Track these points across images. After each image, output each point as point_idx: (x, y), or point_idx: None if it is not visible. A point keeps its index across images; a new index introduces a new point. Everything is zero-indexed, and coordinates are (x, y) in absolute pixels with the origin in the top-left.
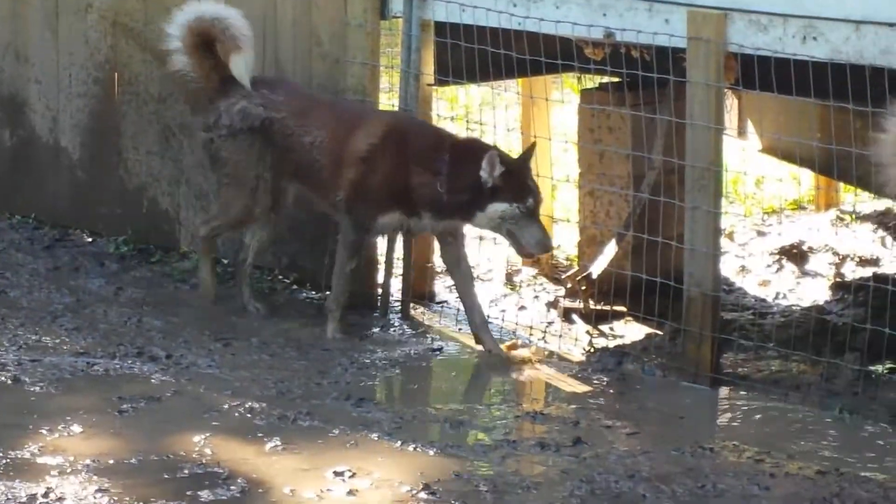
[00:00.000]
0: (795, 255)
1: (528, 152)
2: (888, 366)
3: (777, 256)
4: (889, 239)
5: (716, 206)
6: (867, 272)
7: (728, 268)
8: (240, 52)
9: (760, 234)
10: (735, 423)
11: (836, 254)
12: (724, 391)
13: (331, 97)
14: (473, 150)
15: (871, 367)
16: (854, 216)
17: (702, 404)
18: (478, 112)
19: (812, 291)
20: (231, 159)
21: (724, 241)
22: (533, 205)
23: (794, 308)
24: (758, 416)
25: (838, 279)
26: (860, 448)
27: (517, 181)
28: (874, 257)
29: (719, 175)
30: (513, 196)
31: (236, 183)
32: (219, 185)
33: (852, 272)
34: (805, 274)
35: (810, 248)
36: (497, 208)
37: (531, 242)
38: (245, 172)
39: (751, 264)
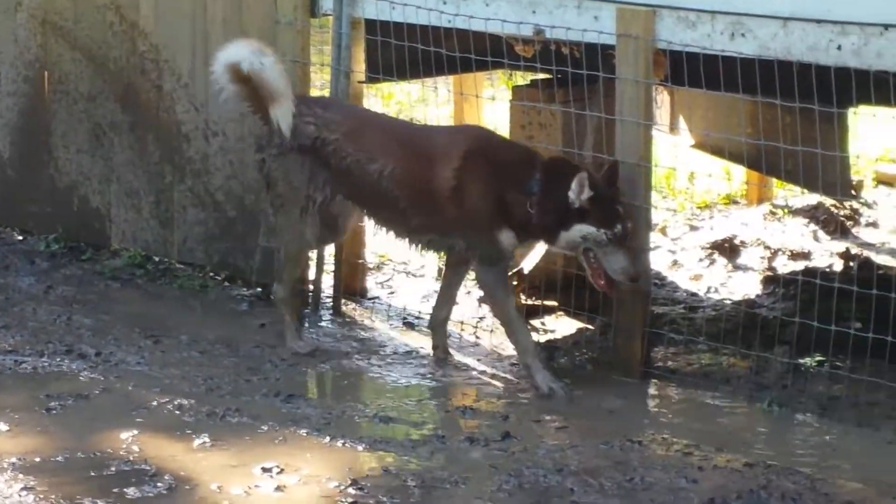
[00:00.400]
0: (727, 249)
1: (614, 173)
2: (817, 359)
3: (709, 251)
4: (820, 233)
5: (646, 201)
6: (798, 266)
7: (660, 262)
8: (276, 104)
9: (693, 228)
10: (664, 417)
11: (767, 248)
12: (654, 385)
13: (382, 115)
14: (564, 170)
15: (800, 360)
16: (786, 210)
17: (632, 398)
18: (411, 109)
19: (743, 285)
20: (282, 179)
21: (656, 236)
22: (621, 232)
23: (725, 302)
24: (687, 410)
25: (769, 273)
26: (789, 440)
27: (606, 206)
28: (805, 251)
29: (649, 170)
30: (600, 221)
31: (288, 203)
32: (273, 212)
33: (783, 266)
34: (736, 268)
35: (742, 243)
36: (582, 230)
37: (615, 269)
38: (296, 191)
39: (683, 258)
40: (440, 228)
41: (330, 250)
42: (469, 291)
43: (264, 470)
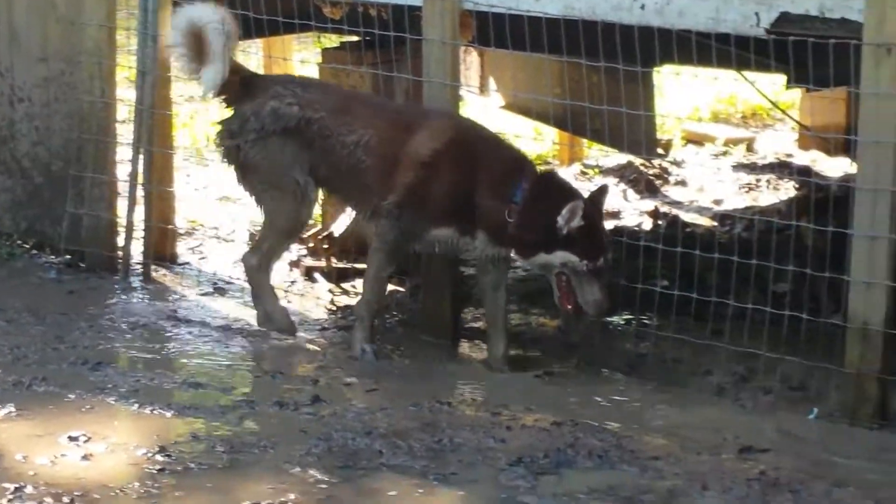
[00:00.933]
0: None
1: (601, 197)
2: (624, 317)
3: None
4: (630, 192)
5: None
6: (608, 225)
7: None
8: (209, 64)
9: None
10: (473, 378)
11: None
12: (464, 345)
13: (372, 95)
14: (557, 191)
15: (608, 319)
16: (596, 170)
17: (441, 360)
18: None
19: None
20: (264, 164)
21: None
22: (602, 265)
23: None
24: (496, 370)
25: None
26: (596, 398)
27: (594, 238)
28: (615, 210)
29: None
30: (585, 252)
31: (275, 187)
32: (256, 198)
33: None
34: None
35: None
36: (564, 257)
37: (588, 300)
38: (282, 176)
39: None
40: (383, 191)
41: (140, 216)
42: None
43: (71, 439)
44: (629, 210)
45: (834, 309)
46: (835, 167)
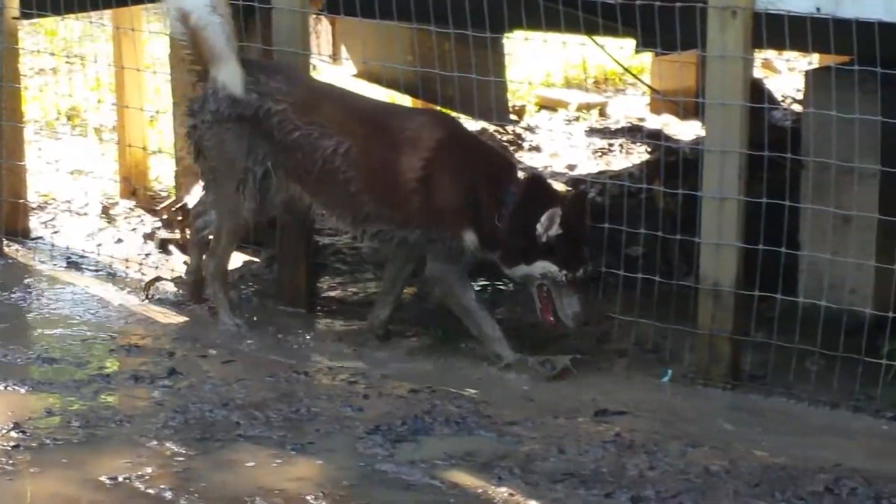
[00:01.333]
0: None
1: (582, 204)
2: (480, 283)
3: None
4: None
5: None
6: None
7: None
8: (219, 66)
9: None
10: (331, 347)
11: None
12: (320, 315)
13: (339, 88)
14: (541, 196)
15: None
16: None
17: (298, 329)
18: (77, 45)
19: None
20: (216, 150)
21: None
22: (582, 276)
23: None
24: (353, 339)
25: None
26: (453, 365)
27: (573, 247)
28: None
29: None
30: (565, 262)
31: (222, 177)
32: (205, 185)
33: None
34: None
35: None
36: (544, 267)
37: (567, 313)
38: (232, 164)
39: None
40: (396, 220)
41: None
42: (134, 228)
43: None
44: None
45: (686, 271)
46: (686, 130)
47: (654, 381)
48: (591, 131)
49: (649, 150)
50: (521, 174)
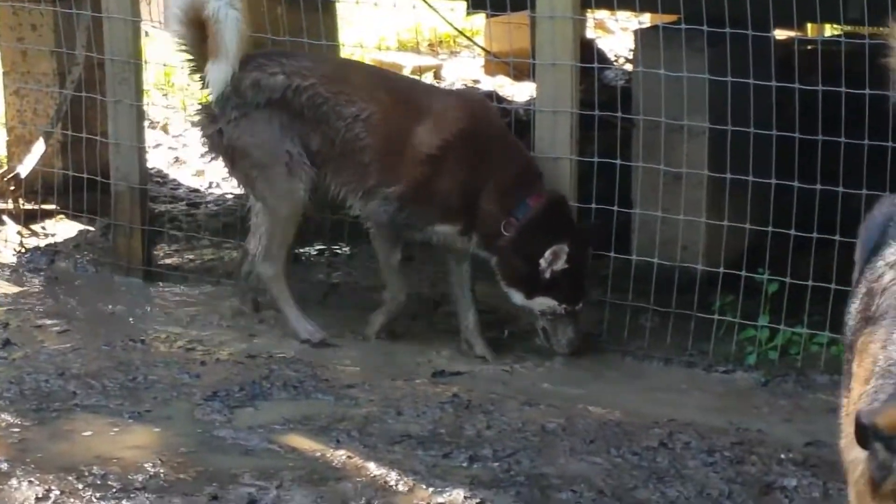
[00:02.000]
0: None
1: (591, 236)
2: (317, 247)
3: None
4: None
5: (138, 99)
6: None
7: (161, 160)
8: (217, 60)
9: (195, 125)
10: (167, 314)
11: None
12: (156, 283)
13: (369, 65)
14: (556, 223)
15: (301, 250)
16: None
17: (134, 298)
18: None
19: None
20: (251, 143)
21: (158, 134)
22: (580, 308)
23: (226, 197)
24: (190, 306)
25: None
26: (291, 330)
27: (576, 282)
28: None
29: (139, 68)
30: (565, 296)
31: (268, 166)
32: (251, 188)
33: None
34: None
35: None
36: (544, 303)
37: (563, 342)
38: (273, 150)
39: (185, 155)
40: (391, 187)
41: None
42: None
43: None
44: None
45: None
46: (520, 92)
47: (495, 341)
48: None
49: None
50: (542, 187)
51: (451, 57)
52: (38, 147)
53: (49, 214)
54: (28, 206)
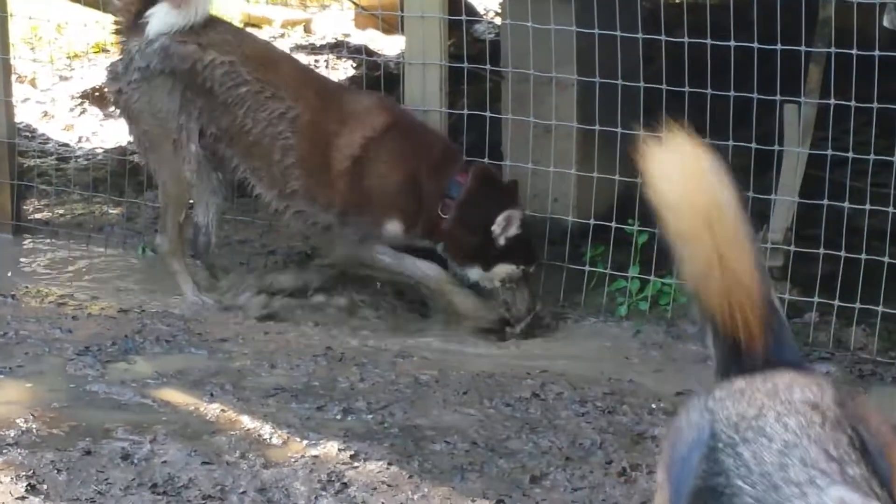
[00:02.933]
0: (98, 98)
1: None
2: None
3: (80, 100)
4: None
5: (4, 52)
6: None
7: (30, 114)
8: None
9: (63, 78)
10: (38, 269)
11: None
12: (26, 238)
13: (286, 53)
14: (494, 191)
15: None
16: None
17: (4, 253)
18: None
19: (114, 134)
20: (146, 111)
21: (26, 88)
22: (535, 267)
23: (96, 151)
24: (61, 260)
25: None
26: (163, 285)
27: (527, 241)
28: None
29: (5, 21)
30: (523, 258)
31: (157, 140)
32: (144, 157)
33: None
34: (108, 116)
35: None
36: (503, 270)
37: (520, 307)
38: (165, 124)
39: (54, 109)
40: (321, 202)
41: None
42: None
43: None
44: None
45: None
46: (390, 45)
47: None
48: (297, 47)
49: (354, 65)
50: (463, 161)
51: (321, 10)
52: None
53: None
54: None
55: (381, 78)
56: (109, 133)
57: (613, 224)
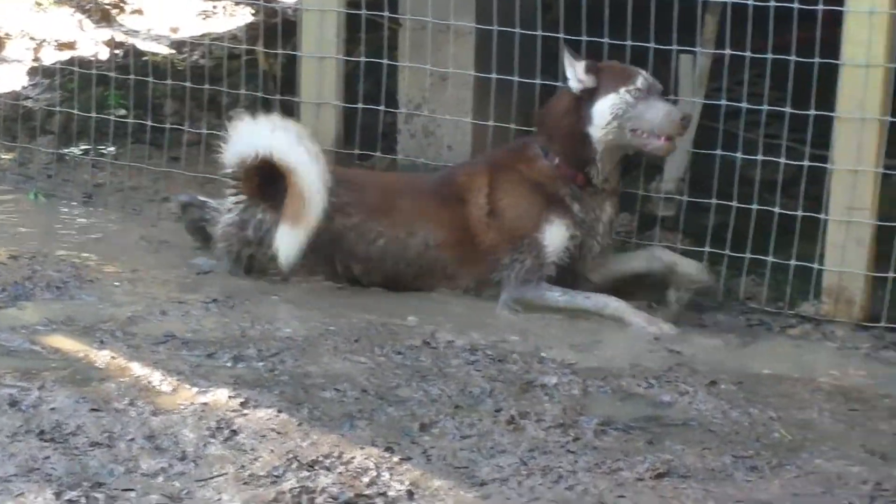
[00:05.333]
0: None
1: None
2: (81, 147)
3: None
4: (86, 22)
5: None
6: (65, 56)
7: None
8: (292, 223)
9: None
10: None
11: (33, 39)
12: None
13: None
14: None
15: (65, 150)
16: (52, 1)
17: None
18: None
19: (7, 78)
20: None
21: None
22: (645, 83)
23: None
24: None
25: (35, 64)
26: (55, 229)
27: (610, 67)
28: (72, 41)
29: None
30: (616, 82)
31: None
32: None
33: (50, 57)
34: (1, 60)
35: (7, 35)
36: (605, 105)
37: (662, 121)
38: None
39: None
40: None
41: None
42: None
43: None
44: (85, 40)
45: None
46: None
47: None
48: None
49: (252, 11)
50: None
51: None
52: None
53: None
54: None
55: (278, 25)
56: (2, 77)
57: None
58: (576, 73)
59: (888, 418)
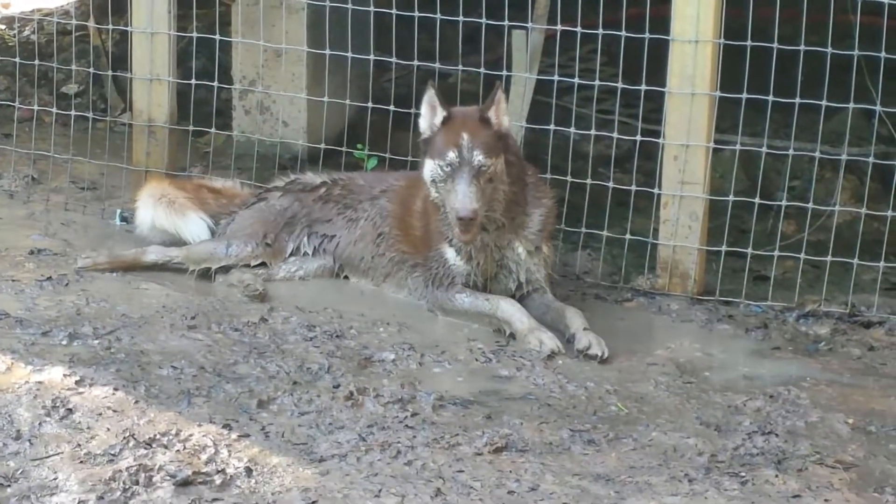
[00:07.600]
0: None
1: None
2: None
3: None
4: None
5: None
6: None
7: None
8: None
9: None
10: None
11: None
12: None
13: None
14: None
15: None
16: None
17: None
18: None
19: None
20: None
21: None
22: (456, 159)
23: None
24: None
25: None
26: None
27: (450, 125)
28: None
29: None
30: (437, 149)
31: None
32: None
33: None
34: None
35: None
36: (426, 168)
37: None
38: None
39: None
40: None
41: None
42: None
43: None
44: None
45: (122, 108)
46: None
47: (98, 220)
48: None
49: None
50: None
51: None
52: None
53: None
54: None
55: (109, 0)
56: None
57: (344, 148)
58: (431, 121)
59: (722, 391)
